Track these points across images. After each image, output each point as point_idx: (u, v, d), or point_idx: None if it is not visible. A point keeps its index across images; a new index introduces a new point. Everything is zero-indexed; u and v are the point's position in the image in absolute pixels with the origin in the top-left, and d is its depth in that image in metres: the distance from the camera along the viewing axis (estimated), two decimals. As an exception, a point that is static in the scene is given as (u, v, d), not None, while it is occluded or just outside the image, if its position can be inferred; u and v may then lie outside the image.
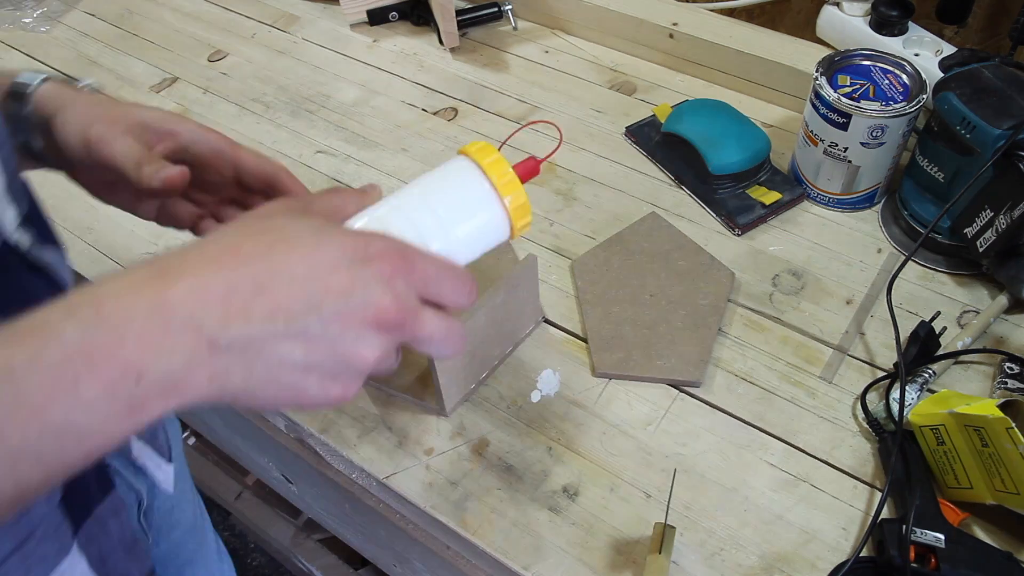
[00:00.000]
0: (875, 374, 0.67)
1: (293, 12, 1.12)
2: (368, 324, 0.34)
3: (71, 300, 0.31)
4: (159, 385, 0.30)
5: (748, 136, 0.81)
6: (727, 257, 0.76)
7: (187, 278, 0.32)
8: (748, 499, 0.61)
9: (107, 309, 0.30)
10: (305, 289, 0.33)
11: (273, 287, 0.32)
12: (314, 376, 0.34)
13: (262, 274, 0.33)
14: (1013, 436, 0.52)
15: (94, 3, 1.17)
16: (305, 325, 0.33)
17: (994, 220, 0.67)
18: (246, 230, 0.35)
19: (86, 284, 0.32)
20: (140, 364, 0.30)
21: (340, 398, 0.35)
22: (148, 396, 0.30)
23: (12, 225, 0.41)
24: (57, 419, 0.28)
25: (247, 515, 1.41)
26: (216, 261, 0.33)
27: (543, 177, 0.86)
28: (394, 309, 0.34)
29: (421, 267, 0.36)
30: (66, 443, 0.29)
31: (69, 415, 0.29)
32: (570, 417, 0.66)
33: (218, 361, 0.32)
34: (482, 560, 0.63)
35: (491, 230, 0.41)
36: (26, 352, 0.29)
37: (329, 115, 0.96)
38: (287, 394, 0.34)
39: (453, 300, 0.38)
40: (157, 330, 0.30)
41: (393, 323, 0.35)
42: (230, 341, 0.32)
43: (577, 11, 1.01)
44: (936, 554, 0.53)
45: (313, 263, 0.33)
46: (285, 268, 0.33)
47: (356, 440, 0.66)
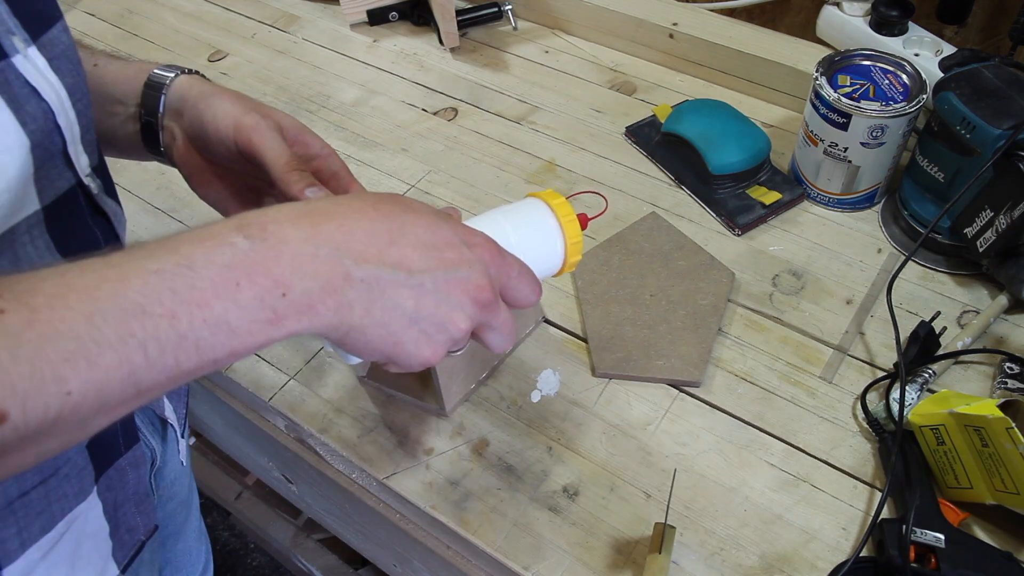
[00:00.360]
0: (875, 374, 0.67)
1: (293, 12, 1.12)
2: (467, 295, 0.40)
3: (242, 218, 0.36)
4: (298, 303, 0.35)
5: (748, 136, 0.81)
6: (727, 257, 0.76)
7: (337, 219, 0.37)
8: (748, 499, 0.61)
9: (270, 231, 0.35)
10: (427, 252, 0.39)
11: (402, 243, 0.38)
12: (414, 330, 0.39)
13: (395, 230, 0.38)
14: (1013, 436, 0.52)
15: (94, 3, 1.17)
16: (422, 280, 0.38)
17: (994, 220, 0.67)
18: (383, 196, 0.41)
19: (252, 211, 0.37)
20: (288, 281, 0.34)
21: (427, 359, 0.40)
22: (288, 311, 0.35)
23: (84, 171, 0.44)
24: (218, 312, 0.33)
25: (247, 515, 1.41)
26: (360, 211, 0.38)
27: (543, 177, 0.86)
28: (488, 289, 0.41)
29: (509, 263, 0.43)
30: (219, 337, 0.33)
31: (228, 312, 0.33)
32: (570, 417, 0.66)
33: (348, 292, 0.36)
34: (482, 560, 0.63)
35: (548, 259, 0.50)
36: (204, 251, 0.33)
37: (329, 115, 0.96)
38: (389, 340, 0.38)
39: (526, 297, 0.44)
40: (307, 256, 0.35)
41: (485, 301, 0.41)
42: (362, 276, 0.37)
43: (577, 11, 1.01)
44: (936, 554, 0.53)
45: (434, 234, 0.40)
46: (413, 231, 0.39)
47: (356, 440, 0.66)
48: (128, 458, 0.53)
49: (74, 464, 0.48)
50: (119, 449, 0.52)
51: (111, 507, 0.52)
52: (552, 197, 0.50)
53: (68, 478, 0.47)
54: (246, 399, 0.74)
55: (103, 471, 0.50)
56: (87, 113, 0.45)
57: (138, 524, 0.55)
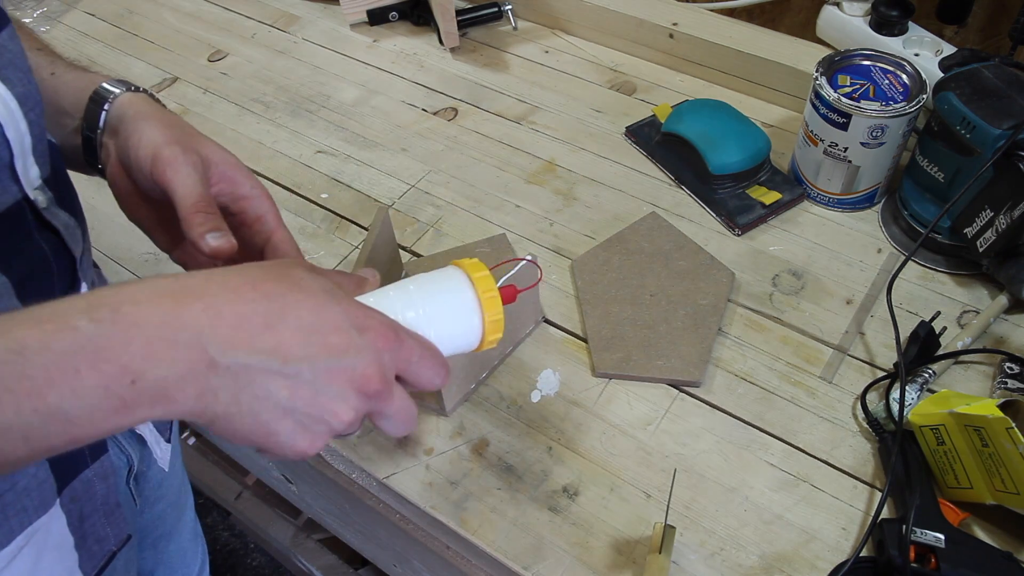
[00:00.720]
0: (875, 374, 0.67)
1: (293, 12, 1.12)
2: (351, 384, 0.37)
3: (92, 297, 0.33)
4: (150, 392, 0.32)
5: (748, 136, 0.81)
6: (727, 257, 0.76)
7: (206, 299, 0.34)
8: (748, 499, 0.61)
9: (122, 313, 0.33)
10: (308, 337, 0.36)
11: (280, 327, 0.35)
12: (289, 421, 0.36)
13: (273, 313, 0.35)
14: (1013, 436, 0.52)
15: (94, 3, 1.17)
16: (299, 369, 0.35)
17: (994, 220, 0.67)
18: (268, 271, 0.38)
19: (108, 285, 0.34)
20: (138, 368, 0.32)
21: (303, 452, 0.37)
22: (139, 399, 0.32)
23: (33, 184, 0.43)
24: (52, 402, 0.30)
25: (247, 515, 1.41)
26: (235, 290, 0.35)
27: (543, 177, 0.86)
28: (377, 378, 0.37)
29: (408, 346, 0.39)
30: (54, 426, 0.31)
31: (64, 401, 0.31)
32: (570, 417, 0.66)
33: (211, 380, 0.34)
34: (482, 560, 0.63)
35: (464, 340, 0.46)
36: (40, 335, 0.31)
37: (329, 115, 0.96)
38: (260, 431, 0.36)
39: (428, 380, 0.41)
40: (163, 342, 0.33)
41: (372, 391, 0.38)
42: (228, 364, 0.34)
43: (577, 11, 1.01)
44: (936, 554, 0.53)
45: (320, 317, 0.36)
46: (295, 313, 0.36)
47: (356, 440, 0.66)
48: (95, 469, 0.52)
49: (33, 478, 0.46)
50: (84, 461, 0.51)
51: (76, 519, 0.50)
52: (475, 269, 0.46)
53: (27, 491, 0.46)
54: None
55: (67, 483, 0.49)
56: (40, 123, 0.43)
57: (108, 535, 0.54)
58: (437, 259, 0.77)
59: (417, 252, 0.79)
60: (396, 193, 0.86)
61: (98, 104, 0.50)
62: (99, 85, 0.51)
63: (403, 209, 0.84)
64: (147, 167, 0.47)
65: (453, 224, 0.82)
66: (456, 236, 0.80)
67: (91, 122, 0.51)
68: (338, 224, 0.83)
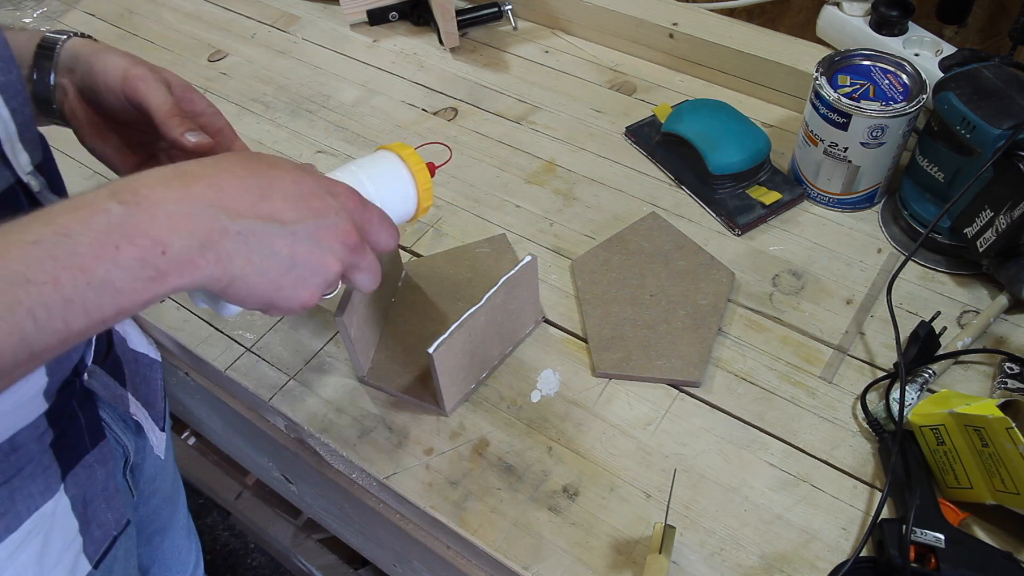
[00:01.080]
0: (875, 374, 0.67)
1: (293, 12, 1.12)
2: (337, 239, 0.43)
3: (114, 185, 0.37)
4: (179, 259, 0.37)
5: (748, 136, 0.81)
6: (727, 257, 0.76)
7: (207, 179, 0.39)
8: (748, 499, 0.61)
9: (143, 195, 0.37)
10: (296, 203, 0.41)
11: (273, 196, 0.41)
12: (292, 276, 0.41)
13: (264, 186, 0.41)
14: (1013, 436, 0.52)
15: (94, 3, 1.17)
16: (294, 229, 0.41)
17: (994, 220, 0.67)
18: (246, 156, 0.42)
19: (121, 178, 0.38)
20: (166, 240, 0.36)
21: (305, 302, 0.43)
22: (170, 267, 0.36)
23: (25, 169, 0.46)
24: (100, 275, 0.34)
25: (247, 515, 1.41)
26: (229, 171, 0.40)
27: (543, 177, 0.86)
28: (355, 232, 0.44)
29: (370, 210, 0.46)
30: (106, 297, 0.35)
31: (110, 273, 0.35)
32: (570, 417, 0.66)
33: (226, 245, 0.38)
34: (482, 560, 0.63)
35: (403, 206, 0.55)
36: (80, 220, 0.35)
37: (329, 115, 0.96)
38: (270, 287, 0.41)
39: (386, 241, 0.47)
40: (182, 214, 0.37)
41: (353, 244, 0.44)
42: (239, 229, 0.39)
43: (577, 11, 1.01)
44: (936, 554, 0.53)
45: (301, 186, 0.42)
46: (281, 185, 0.41)
47: (356, 440, 0.66)
48: (95, 455, 0.54)
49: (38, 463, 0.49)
50: (85, 446, 0.54)
51: (80, 503, 0.53)
52: (402, 148, 0.55)
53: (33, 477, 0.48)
54: (246, 399, 0.74)
55: (70, 468, 0.52)
56: (24, 110, 0.45)
57: (109, 519, 0.56)
58: (437, 259, 0.77)
59: (417, 252, 0.79)
60: (396, 193, 0.86)
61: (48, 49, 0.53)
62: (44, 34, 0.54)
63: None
64: (118, 87, 0.51)
65: (453, 224, 0.82)
66: (456, 236, 0.80)
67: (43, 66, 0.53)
68: (338, 224, 0.83)
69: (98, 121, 0.55)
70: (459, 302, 0.73)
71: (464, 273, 0.75)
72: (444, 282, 0.75)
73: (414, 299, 0.74)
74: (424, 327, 0.71)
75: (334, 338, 0.73)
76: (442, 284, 0.75)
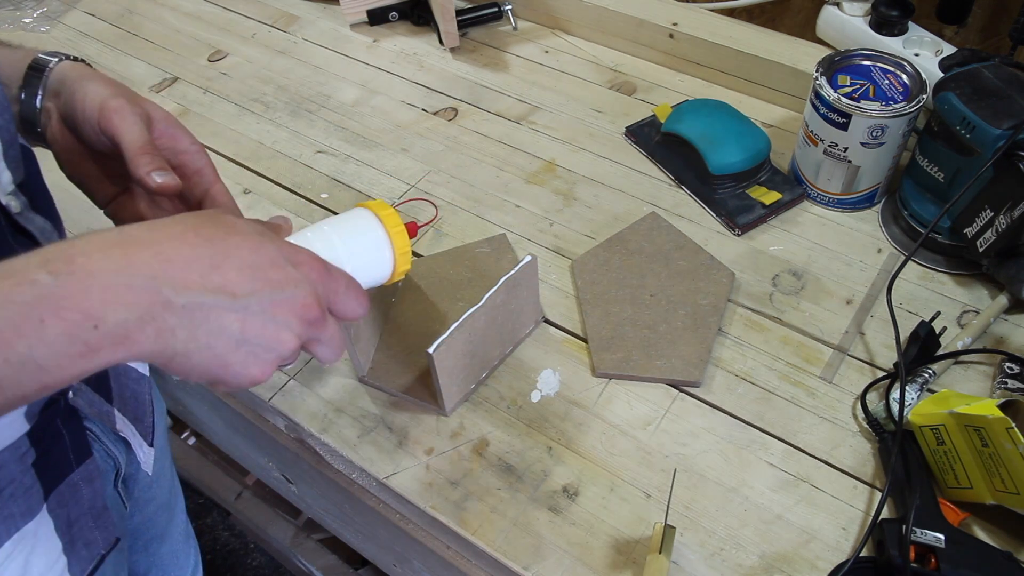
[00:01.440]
0: (875, 374, 0.67)
1: (293, 12, 1.12)
2: (294, 314, 0.40)
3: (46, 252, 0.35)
4: (113, 334, 0.34)
5: (748, 136, 0.81)
6: (727, 257, 0.76)
7: (153, 247, 0.37)
8: (748, 499, 0.61)
9: (78, 263, 0.34)
10: (252, 274, 0.39)
11: (225, 267, 0.38)
12: (242, 352, 0.39)
13: (217, 254, 0.38)
14: (1013, 436, 0.52)
15: (94, 3, 1.17)
16: (247, 303, 0.38)
17: (994, 220, 0.67)
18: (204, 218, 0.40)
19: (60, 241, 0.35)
20: (99, 314, 0.34)
21: (256, 378, 0.40)
22: (102, 343, 0.34)
23: (6, 189, 0.44)
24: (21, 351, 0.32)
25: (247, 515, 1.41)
26: (179, 237, 0.38)
27: (543, 177, 0.86)
28: (316, 306, 0.41)
29: (336, 278, 0.43)
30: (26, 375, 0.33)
31: (32, 349, 0.32)
32: (570, 417, 0.66)
33: (168, 319, 0.36)
34: (482, 560, 0.63)
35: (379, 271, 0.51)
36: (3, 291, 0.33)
37: (329, 115, 0.96)
38: (217, 363, 0.38)
39: (353, 310, 0.44)
40: (121, 286, 0.35)
41: (312, 318, 0.41)
42: (184, 303, 0.36)
43: (577, 11, 1.01)
44: (936, 554, 0.53)
45: (259, 255, 0.39)
46: (236, 253, 0.39)
47: (356, 440, 0.66)
48: (80, 473, 0.52)
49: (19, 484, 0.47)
50: (70, 465, 0.52)
51: (64, 523, 0.51)
52: (381, 208, 0.51)
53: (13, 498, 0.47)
54: (246, 399, 0.74)
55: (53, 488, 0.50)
56: (9, 128, 0.44)
57: (96, 538, 0.54)
58: (437, 259, 0.77)
59: (417, 252, 0.79)
60: (396, 193, 0.86)
61: (38, 70, 0.52)
62: (37, 55, 0.53)
63: (403, 209, 0.84)
64: (94, 117, 0.49)
65: (453, 224, 0.82)
66: (456, 236, 0.80)
67: (32, 88, 0.52)
68: (338, 224, 0.83)
69: (78, 149, 0.53)
70: (459, 302, 0.73)
71: (464, 273, 0.75)
72: (444, 282, 0.75)
73: (414, 299, 0.74)
74: (424, 327, 0.71)
75: (334, 338, 0.73)
76: (442, 284, 0.75)
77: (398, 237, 0.51)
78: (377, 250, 0.50)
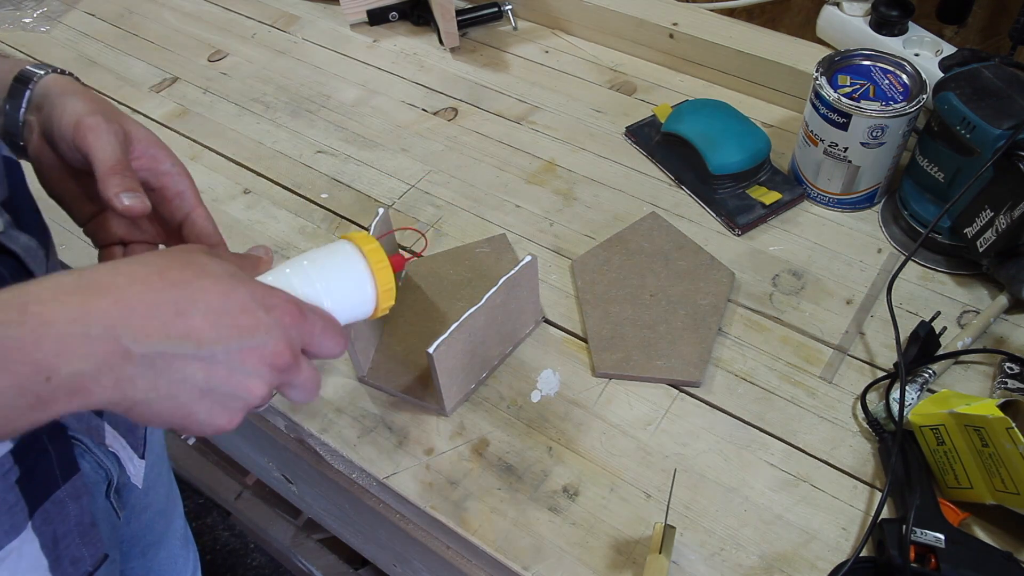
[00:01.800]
0: (875, 374, 0.67)
1: (293, 12, 1.12)
2: (263, 362, 0.38)
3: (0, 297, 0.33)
4: (66, 386, 0.33)
5: (748, 136, 0.81)
6: (727, 257, 0.76)
7: (114, 293, 0.35)
8: (748, 499, 0.61)
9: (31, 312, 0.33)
10: (219, 320, 0.37)
11: (191, 313, 0.36)
12: (207, 401, 0.37)
13: (183, 300, 0.36)
14: (1013, 436, 0.52)
15: (94, 3, 1.17)
16: (212, 351, 0.36)
17: (994, 220, 0.67)
18: (172, 258, 0.38)
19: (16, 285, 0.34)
20: (52, 365, 0.32)
21: (223, 427, 0.39)
22: (55, 395, 0.33)
23: None
24: None
25: (247, 515, 1.41)
26: (144, 281, 0.36)
27: (543, 177, 0.86)
28: (287, 353, 0.39)
29: (311, 320, 0.41)
30: None
31: None
32: (570, 417, 0.66)
33: (127, 369, 0.34)
34: (482, 560, 0.63)
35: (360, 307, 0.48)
36: None
37: (329, 115, 0.96)
38: (179, 413, 0.37)
39: (330, 351, 0.43)
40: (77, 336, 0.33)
41: (282, 365, 0.39)
42: (144, 352, 0.35)
43: (577, 11, 1.01)
44: (936, 554, 0.53)
45: (228, 300, 0.38)
46: (204, 298, 0.37)
47: (356, 440, 0.66)
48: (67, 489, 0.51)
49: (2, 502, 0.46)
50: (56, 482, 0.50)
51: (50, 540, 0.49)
52: (365, 242, 0.48)
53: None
54: (246, 399, 0.74)
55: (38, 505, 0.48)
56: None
57: (83, 555, 0.53)
58: (437, 259, 0.77)
59: (417, 252, 0.79)
60: (396, 193, 0.86)
61: (23, 83, 0.51)
62: (24, 67, 0.51)
63: (403, 209, 0.84)
64: (69, 134, 0.48)
65: (453, 224, 0.82)
66: (456, 236, 0.80)
67: (15, 101, 0.51)
68: (338, 224, 0.83)
69: (57, 166, 0.51)
70: (459, 302, 0.73)
71: (464, 273, 0.75)
72: (444, 282, 0.75)
73: (414, 299, 0.74)
74: (424, 327, 0.71)
75: (334, 338, 0.73)
76: (442, 284, 0.75)
77: (381, 273, 0.48)
78: (359, 289, 0.48)
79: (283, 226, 0.83)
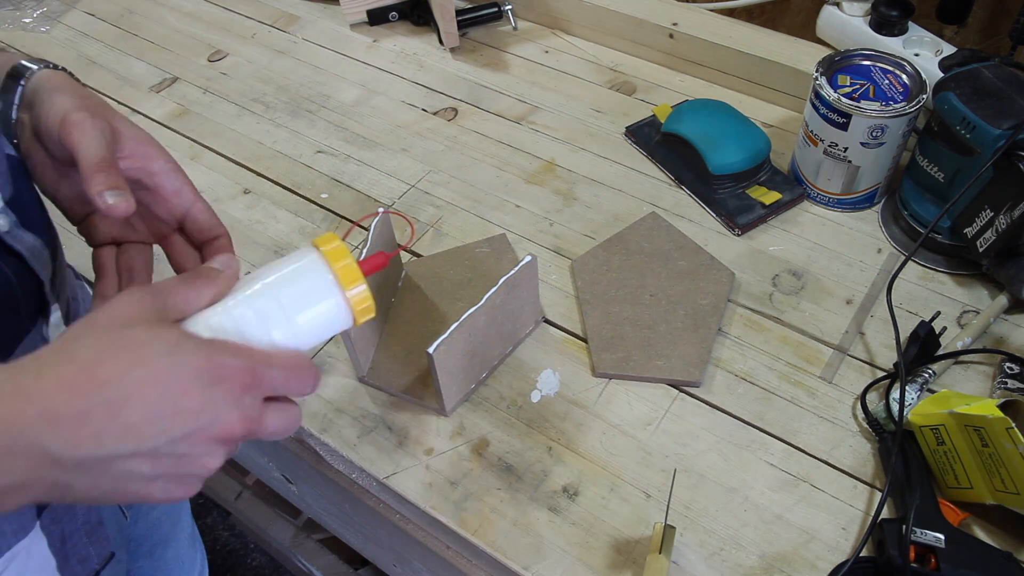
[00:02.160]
0: (875, 374, 0.67)
1: (293, 12, 1.12)
2: (215, 440, 0.36)
3: None
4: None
5: (748, 136, 0.81)
6: (727, 257, 0.76)
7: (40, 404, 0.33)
8: (748, 499, 0.61)
9: None
10: (157, 413, 0.34)
11: (126, 411, 0.34)
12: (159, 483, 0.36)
13: (116, 401, 0.34)
14: (1013, 436, 0.52)
15: (94, 3, 1.17)
16: (155, 445, 0.34)
17: (994, 220, 0.67)
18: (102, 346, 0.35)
19: None
20: None
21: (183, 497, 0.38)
22: None
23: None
24: None
25: (247, 515, 1.41)
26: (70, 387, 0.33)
27: (543, 177, 0.86)
28: (240, 425, 0.37)
29: (268, 379, 0.38)
30: None
31: None
32: (570, 417, 0.66)
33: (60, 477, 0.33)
34: (482, 560, 0.63)
35: (333, 318, 0.43)
36: None
37: (329, 115, 0.96)
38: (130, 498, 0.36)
39: (299, 392, 0.40)
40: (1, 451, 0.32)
41: (238, 436, 0.37)
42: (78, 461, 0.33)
43: (577, 11, 1.01)
44: (936, 554, 0.53)
45: (167, 388, 0.35)
46: (138, 394, 0.34)
47: (356, 440, 0.66)
48: None
49: None
50: None
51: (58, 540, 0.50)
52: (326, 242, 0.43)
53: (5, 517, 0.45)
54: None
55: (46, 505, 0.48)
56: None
57: (91, 554, 0.53)
58: (437, 259, 0.77)
59: (417, 252, 0.79)
60: (396, 193, 0.86)
61: (15, 79, 0.49)
62: (18, 62, 0.50)
63: (403, 209, 0.84)
64: (56, 131, 0.46)
65: (453, 224, 0.82)
66: (456, 236, 0.80)
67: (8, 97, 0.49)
68: (338, 224, 0.83)
69: (49, 164, 0.50)
70: (459, 302, 0.73)
71: (464, 273, 0.75)
72: (444, 282, 0.75)
73: (414, 299, 0.74)
74: (424, 327, 0.71)
75: (334, 338, 0.73)
76: (442, 284, 0.75)
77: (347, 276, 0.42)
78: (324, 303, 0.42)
79: (283, 226, 0.83)
